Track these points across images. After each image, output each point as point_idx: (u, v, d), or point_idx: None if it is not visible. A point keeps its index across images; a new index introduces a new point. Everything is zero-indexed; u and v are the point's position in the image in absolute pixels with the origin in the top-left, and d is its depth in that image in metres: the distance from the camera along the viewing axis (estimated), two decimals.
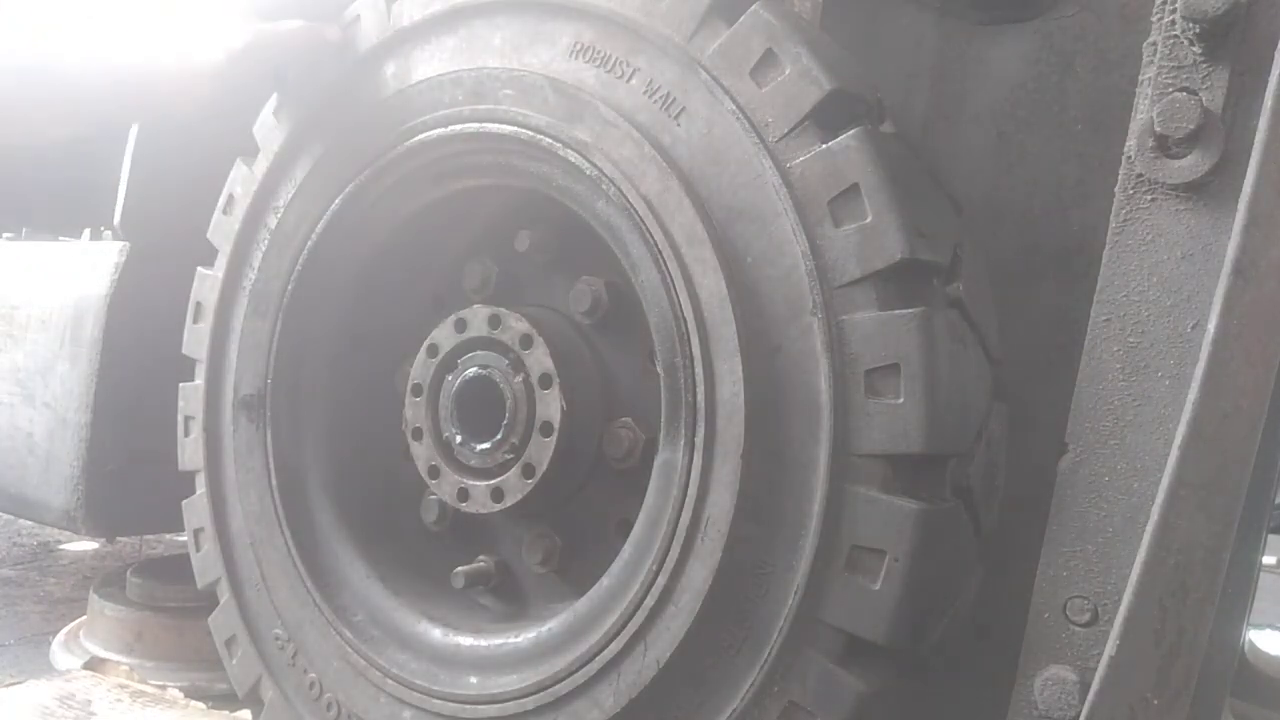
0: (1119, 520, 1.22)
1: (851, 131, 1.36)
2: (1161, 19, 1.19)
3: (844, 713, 1.36)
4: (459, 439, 1.77)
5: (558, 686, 1.55)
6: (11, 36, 1.70)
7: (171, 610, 2.52)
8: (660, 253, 1.48)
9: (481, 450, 1.73)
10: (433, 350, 1.81)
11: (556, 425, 1.66)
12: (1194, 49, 1.17)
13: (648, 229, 1.49)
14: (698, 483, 1.43)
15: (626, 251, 1.56)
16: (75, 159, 2.74)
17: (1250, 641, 2.31)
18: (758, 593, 1.41)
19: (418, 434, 1.83)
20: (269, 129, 1.96)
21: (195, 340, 2.06)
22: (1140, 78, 1.22)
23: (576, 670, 1.53)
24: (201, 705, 2.13)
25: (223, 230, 2.03)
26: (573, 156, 1.56)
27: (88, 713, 2.04)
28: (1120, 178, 1.22)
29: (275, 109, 1.96)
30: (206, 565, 2.04)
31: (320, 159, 1.87)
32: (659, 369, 1.54)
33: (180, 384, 2.09)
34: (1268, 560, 3.13)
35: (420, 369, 1.83)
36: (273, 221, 1.94)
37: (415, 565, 1.91)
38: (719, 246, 1.43)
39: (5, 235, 3.16)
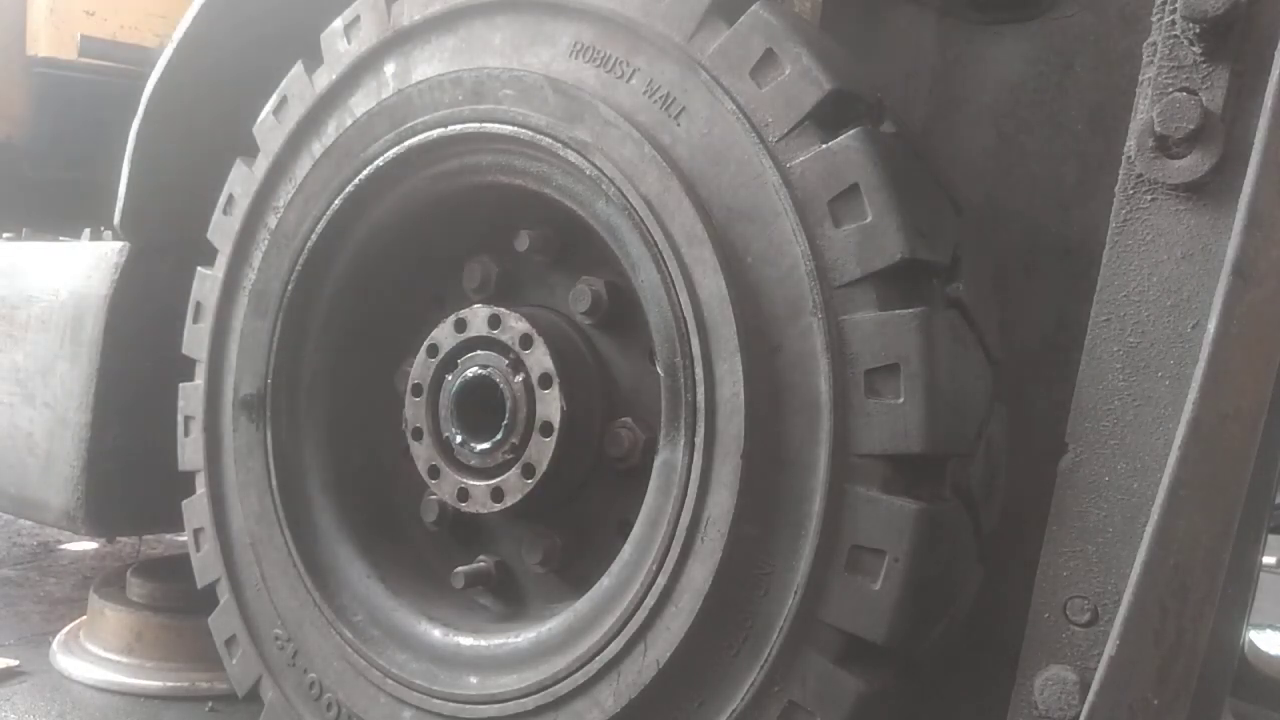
0: (1119, 520, 1.22)
1: (851, 131, 1.36)
2: (1161, 19, 1.19)
3: (844, 713, 1.36)
4: (459, 439, 1.77)
5: (558, 686, 1.55)
6: None
7: (171, 610, 2.52)
8: (660, 253, 1.48)
9: (481, 450, 1.73)
10: (433, 350, 1.81)
11: (556, 425, 1.66)
12: (1194, 49, 1.17)
13: (648, 229, 1.49)
14: (698, 483, 1.43)
15: (626, 251, 1.56)
16: (75, 159, 2.74)
17: (1250, 641, 2.31)
18: (758, 593, 1.41)
19: (418, 434, 1.82)
20: (269, 129, 1.97)
21: (195, 340, 2.07)
22: (1140, 78, 1.22)
23: (576, 670, 1.53)
24: None
25: (223, 230, 2.03)
26: (573, 156, 1.56)
27: None
28: (1120, 178, 1.22)
29: (275, 109, 1.96)
30: (206, 565, 2.04)
31: (320, 159, 1.87)
32: (659, 369, 1.53)
33: (180, 384, 2.09)
34: (1268, 560, 3.13)
35: (420, 369, 1.83)
36: (273, 221, 1.94)
37: (415, 565, 1.91)
38: (719, 246, 1.43)
39: (5, 235, 3.16)
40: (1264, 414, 1.11)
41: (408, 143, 1.75)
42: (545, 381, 1.67)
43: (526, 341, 1.70)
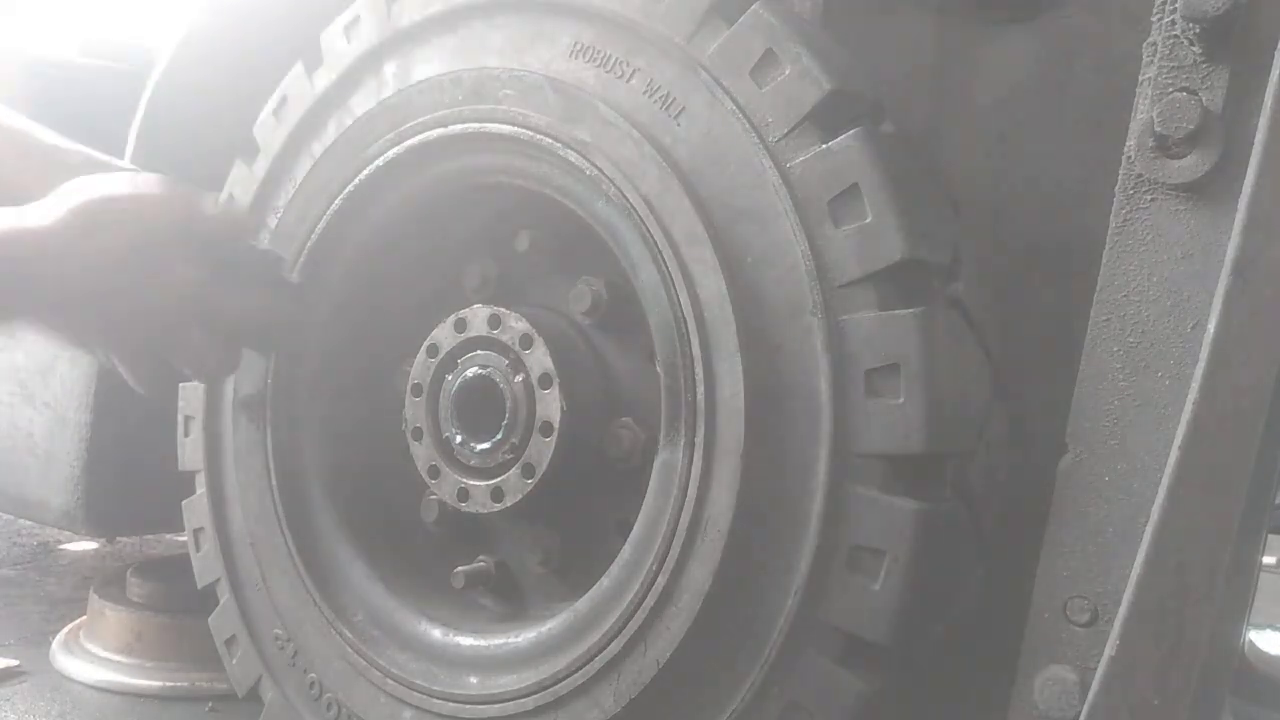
0: (1119, 520, 1.22)
1: (851, 131, 1.36)
2: (1161, 19, 1.19)
3: (844, 713, 1.36)
4: (459, 439, 1.77)
5: (558, 686, 1.55)
6: None
7: (171, 610, 2.52)
8: (660, 253, 1.48)
9: (481, 450, 1.73)
10: (432, 350, 1.81)
11: (556, 425, 1.66)
12: (1194, 49, 1.17)
13: (648, 229, 1.49)
14: (698, 483, 1.43)
15: (626, 251, 1.56)
16: None
17: (1250, 641, 2.31)
18: (758, 593, 1.41)
19: (417, 434, 1.82)
20: (269, 129, 1.97)
21: None
22: (1140, 78, 1.22)
23: (576, 670, 1.53)
24: None
25: None
26: (573, 156, 1.56)
27: None
28: (1120, 178, 1.22)
29: (275, 109, 1.96)
30: (206, 565, 2.04)
31: (320, 159, 1.87)
32: (659, 369, 1.53)
33: (180, 384, 2.08)
34: (1268, 560, 3.13)
35: (420, 369, 1.82)
36: (273, 221, 1.94)
37: (415, 565, 1.91)
38: (719, 246, 1.43)
39: None
40: (1264, 414, 1.11)
41: (407, 143, 1.75)
42: (545, 381, 1.67)
43: (526, 341, 1.70)
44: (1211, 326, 1.10)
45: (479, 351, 1.76)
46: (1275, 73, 1.10)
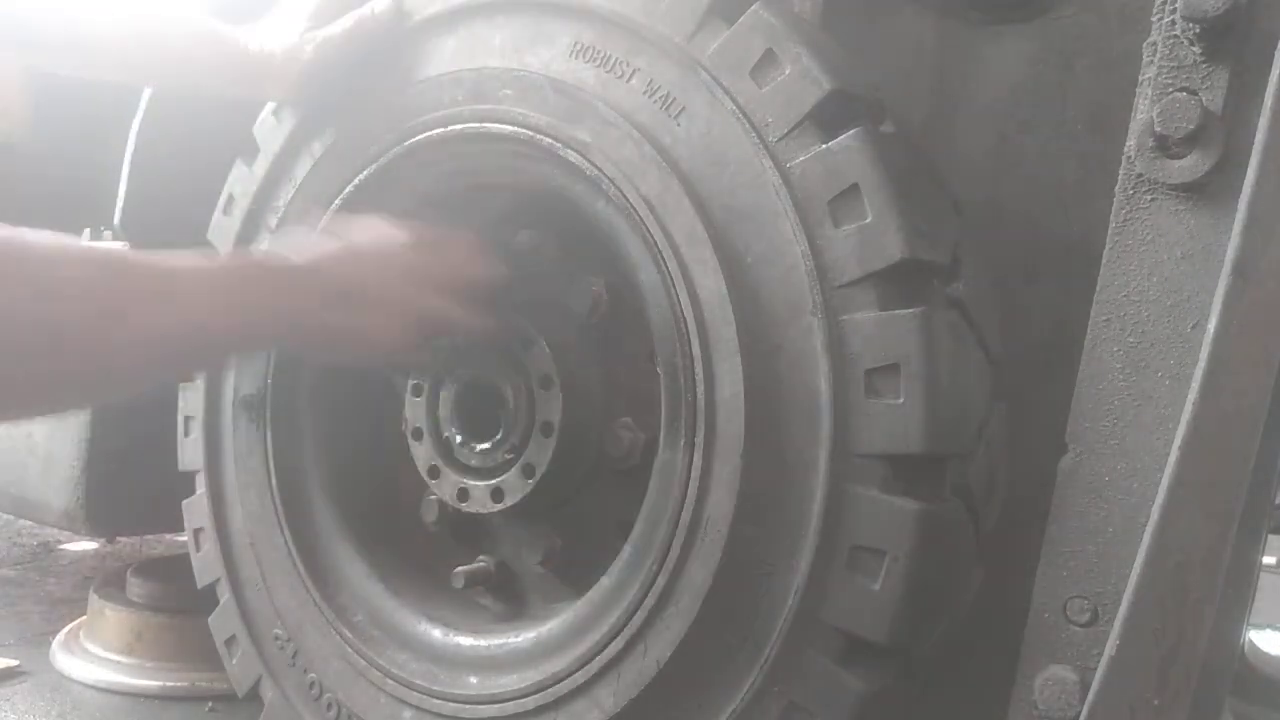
0: (1119, 520, 1.22)
1: (851, 131, 1.36)
2: (1161, 19, 1.19)
3: (844, 713, 1.36)
4: (459, 439, 1.77)
5: (558, 686, 1.55)
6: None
7: (171, 610, 2.52)
8: (660, 253, 1.48)
9: (481, 450, 1.73)
10: None
11: (556, 425, 1.66)
12: (1194, 49, 1.17)
13: (648, 229, 1.49)
14: (698, 483, 1.43)
15: (626, 251, 1.56)
16: (75, 159, 2.73)
17: (1250, 641, 2.31)
18: (758, 593, 1.41)
19: (417, 434, 1.82)
20: (269, 129, 1.96)
21: None
22: (1140, 78, 1.22)
23: (576, 670, 1.53)
24: None
25: (223, 230, 2.03)
26: (573, 156, 1.56)
27: None
28: (1120, 178, 1.22)
29: (275, 108, 1.96)
30: (206, 565, 2.04)
31: (320, 159, 1.87)
32: (659, 369, 1.54)
33: (180, 384, 2.08)
34: (1268, 560, 3.13)
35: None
36: (273, 221, 1.94)
37: (415, 565, 1.91)
38: (719, 246, 1.43)
39: None
40: (1264, 414, 1.11)
41: (407, 142, 1.74)
42: (545, 382, 1.67)
43: (527, 342, 1.70)
44: (1211, 326, 1.10)
45: (479, 351, 1.76)
46: (1275, 73, 1.10)
